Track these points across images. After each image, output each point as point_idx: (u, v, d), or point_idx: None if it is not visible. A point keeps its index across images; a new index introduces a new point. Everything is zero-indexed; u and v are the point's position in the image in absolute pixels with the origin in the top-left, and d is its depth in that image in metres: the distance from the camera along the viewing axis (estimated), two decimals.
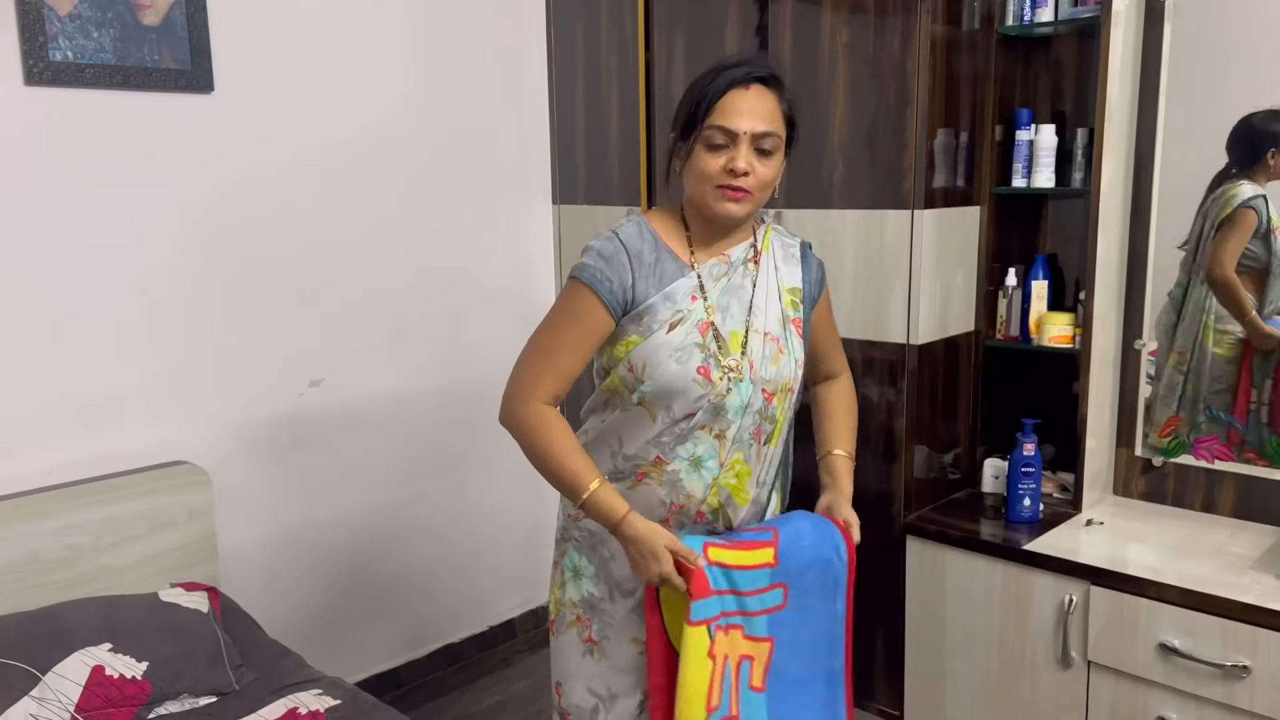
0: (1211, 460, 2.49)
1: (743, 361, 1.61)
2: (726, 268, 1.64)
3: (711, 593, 1.59)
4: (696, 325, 1.59)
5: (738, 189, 1.55)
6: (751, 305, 1.64)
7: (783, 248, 1.72)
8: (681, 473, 1.64)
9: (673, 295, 1.59)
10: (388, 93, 2.80)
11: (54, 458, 2.27)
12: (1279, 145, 2.31)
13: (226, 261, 2.51)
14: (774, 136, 1.56)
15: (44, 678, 1.89)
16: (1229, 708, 2.07)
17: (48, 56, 2.17)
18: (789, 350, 1.67)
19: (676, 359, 1.58)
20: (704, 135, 1.56)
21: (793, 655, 1.69)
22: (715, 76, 1.57)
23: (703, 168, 1.56)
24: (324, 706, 1.96)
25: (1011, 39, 2.64)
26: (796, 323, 1.69)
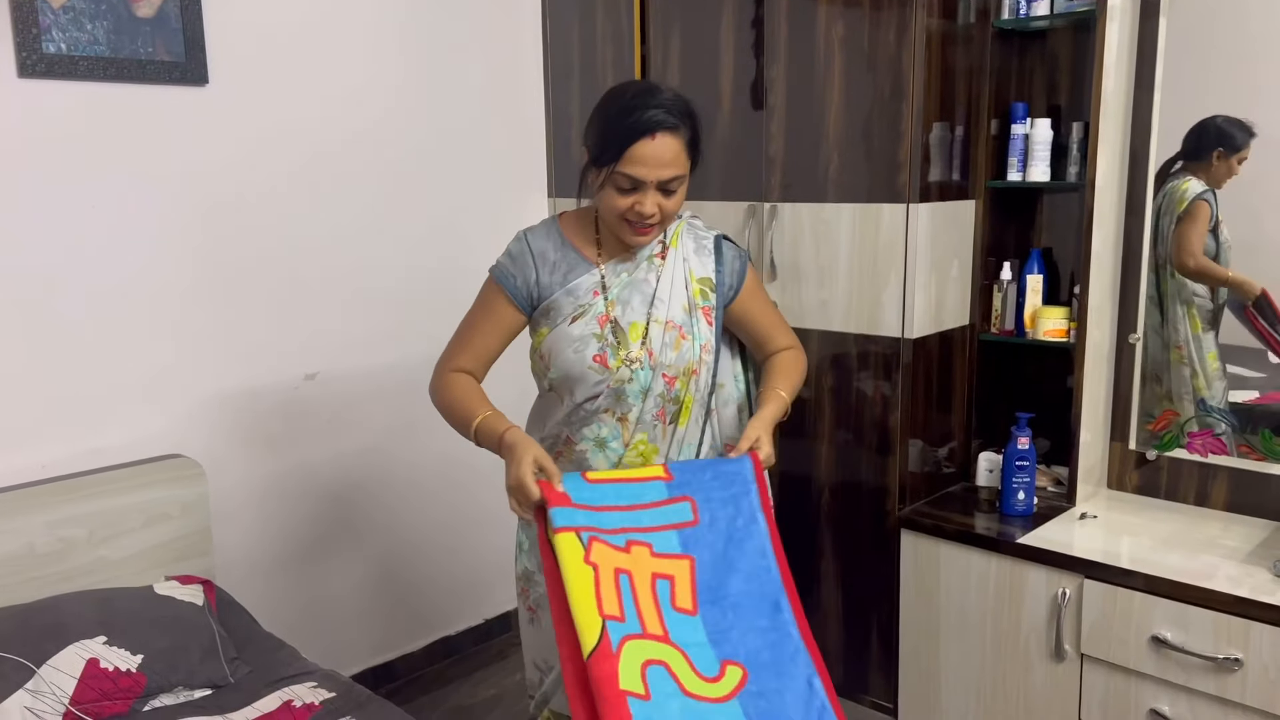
0: (1205, 454, 2.49)
1: (642, 350, 1.73)
2: (630, 265, 1.76)
3: (571, 504, 1.58)
4: (596, 318, 1.73)
5: (646, 226, 1.69)
6: (654, 297, 1.75)
7: (695, 240, 1.81)
8: (588, 452, 1.78)
9: (574, 291, 1.74)
10: (383, 86, 2.79)
11: (48, 451, 2.27)
12: (1226, 148, 2.39)
13: (221, 255, 2.51)
14: (679, 179, 1.68)
15: (39, 670, 1.89)
16: (1221, 700, 2.07)
17: (41, 49, 2.16)
18: (693, 336, 1.77)
19: (574, 349, 1.73)
20: (613, 179, 1.66)
21: (724, 573, 1.62)
22: (622, 117, 1.64)
23: (612, 205, 1.68)
24: (319, 699, 1.96)
25: (1007, 32, 2.63)
26: (706, 310, 1.78)
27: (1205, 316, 2.50)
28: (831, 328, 2.64)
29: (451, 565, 3.10)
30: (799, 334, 2.67)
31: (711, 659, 1.53)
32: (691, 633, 1.54)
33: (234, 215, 2.52)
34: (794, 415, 2.72)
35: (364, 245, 2.80)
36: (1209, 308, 2.50)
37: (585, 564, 1.53)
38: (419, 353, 2.91)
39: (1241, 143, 2.37)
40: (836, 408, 2.67)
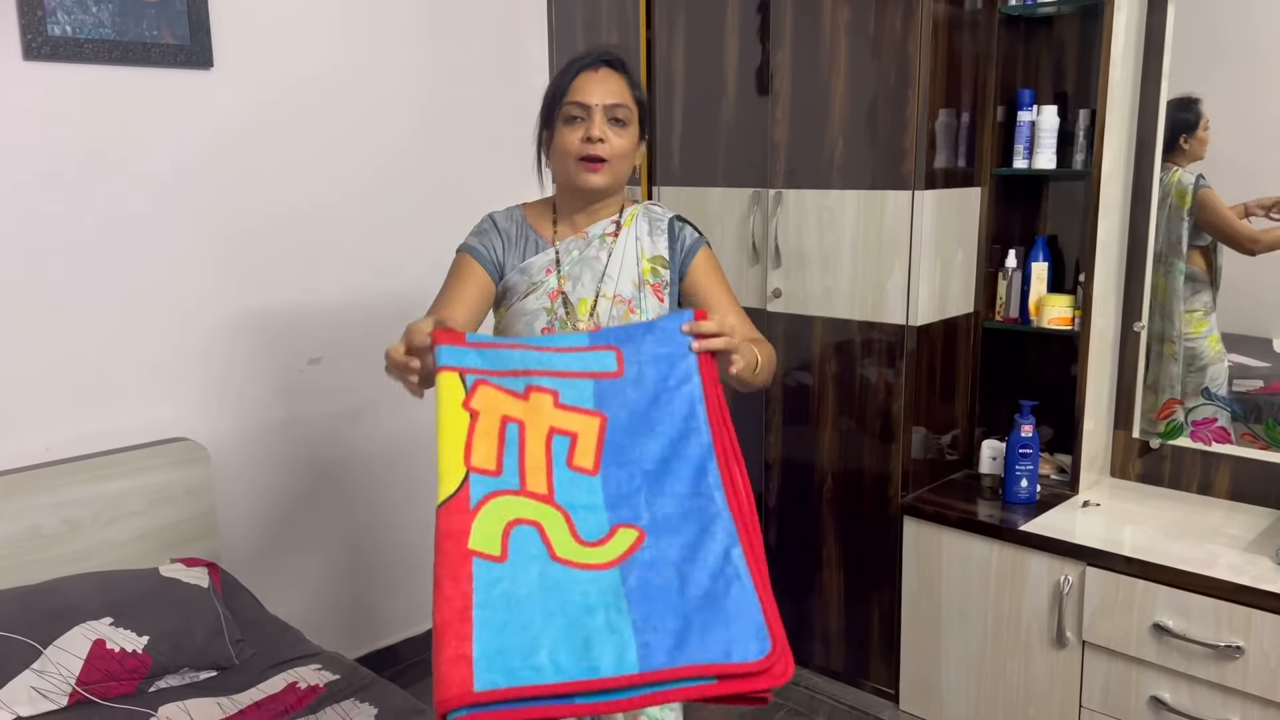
0: (1209, 443, 2.50)
1: (589, 323, 1.76)
2: (583, 243, 1.79)
3: (464, 343, 1.38)
4: (547, 293, 1.77)
5: (596, 158, 1.70)
6: (604, 274, 1.77)
7: (649, 222, 1.83)
8: None
9: (528, 269, 1.77)
10: (386, 70, 2.79)
11: (53, 434, 2.27)
12: (1189, 131, 2.41)
13: (226, 239, 2.51)
14: (624, 108, 1.71)
15: (45, 651, 1.90)
16: (1222, 688, 2.08)
17: (46, 31, 2.16)
18: (641, 310, 1.78)
19: (525, 322, 1.77)
20: (562, 112, 1.71)
21: (642, 434, 1.38)
22: (569, 64, 1.74)
23: (563, 143, 1.72)
24: (323, 681, 1.97)
25: (1014, 19, 2.62)
26: (656, 287, 1.80)
27: (1205, 306, 2.49)
28: (835, 315, 2.64)
29: None
30: (801, 321, 2.69)
31: (601, 522, 1.31)
32: (584, 494, 1.33)
33: (238, 199, 2.52)
34: (798, 401, 2.74)
35: (368, 229, 2.79)
36: (1208, 296, 2.50)
37: (462, 409, 1.33)
38: None
39: (1195, 119, 2.41)
40: (840, 395, 2.67)
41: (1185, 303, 2.50)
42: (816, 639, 2.82)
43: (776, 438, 2.81)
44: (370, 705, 1.88)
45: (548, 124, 1.76)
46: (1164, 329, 2.53)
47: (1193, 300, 2.50)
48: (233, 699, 1.93)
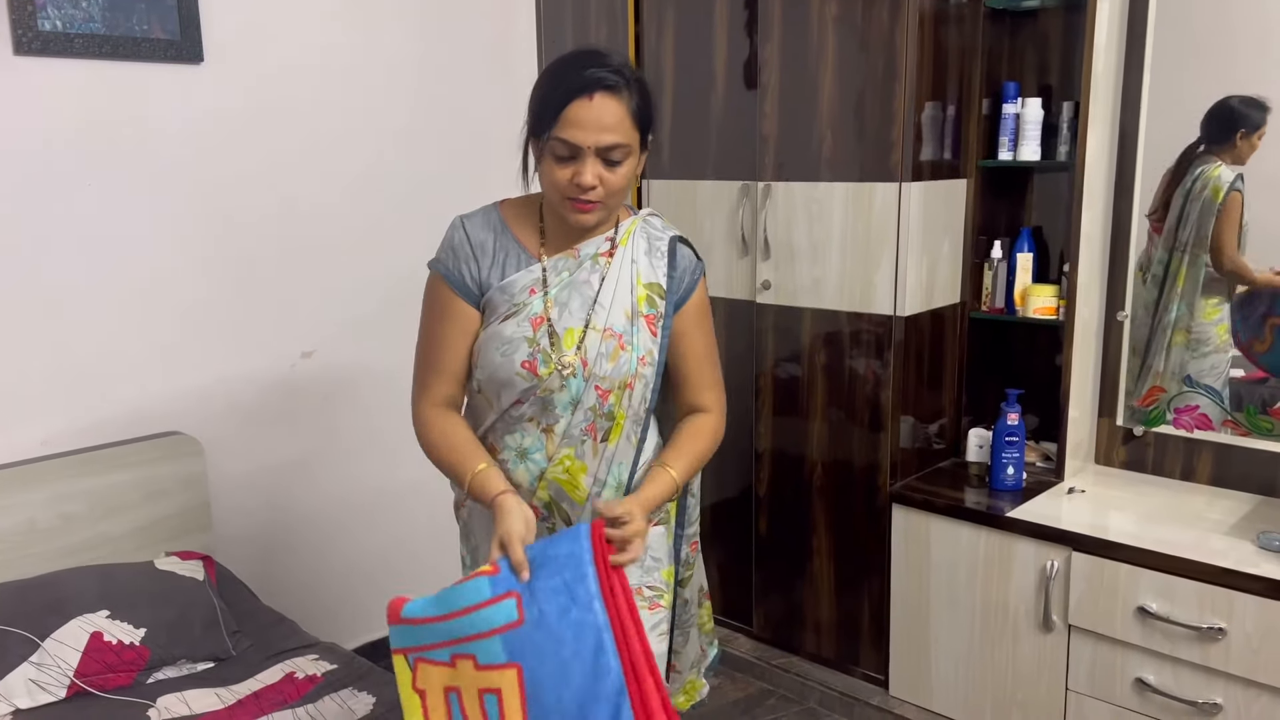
0: (1191, 429, 2.54)
1: (576, 358, 1.56)
2: (573, 263, 1.59)
3: (400, 619, 1.45)
4: (530, 319, 1.57)
5: (587, 202, 1.51)
6: (595, 301, 1.58)
7: (648, 241, 1.64)
8: (509, 463, 1.62)
9: (509, 288, 1.58)
10: (376, 63, 2.79)
11: (48, 428, 2.28)
12: (1249, 128, 2.38)
13: (217, 232, 2.51)
14: (621, 147, 1.50)
15: (43, 644, 1.91)
16: (1205, 669, 2.12)
17: (36, 26, 2.16)
18: (631, 346, 1.58)
19: (502, 351, 1.57)
20: (550, 146, 1.50)
21: (557, 679, 1.38)
22: (559, 79, 1.50)
23: (551, 178, 1.52)
24: (320, 671, 1.99)
25: (999, 12, 2.65)
26: (650, 319, 1.60)
27: (1222, 295, 2.51)
28: (824, 306, 2.67)
29: (447, 543, 3.11)
30: (791, 313, 2.72)
31: None
32: None
33: (229, 194, 2.52)
34: (787, 391, 2.77)
35: (358, 224, 2.80)
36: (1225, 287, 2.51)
37: (413, 691, 1.44)
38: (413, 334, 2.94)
39: (1260, 120, 2.37)
40: (829, 385, 2.70)
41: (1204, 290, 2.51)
42: (807, 626, 2.85)
43: (766, 428, 2.84)
44: (368, 694, 1.90)
45: (535, 135, 1.55)
46: (1181, 318, 2.52)
47: (1210, 288, 2.50)
48: (231, 689, 1.95)
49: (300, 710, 1.86)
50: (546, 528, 1.64)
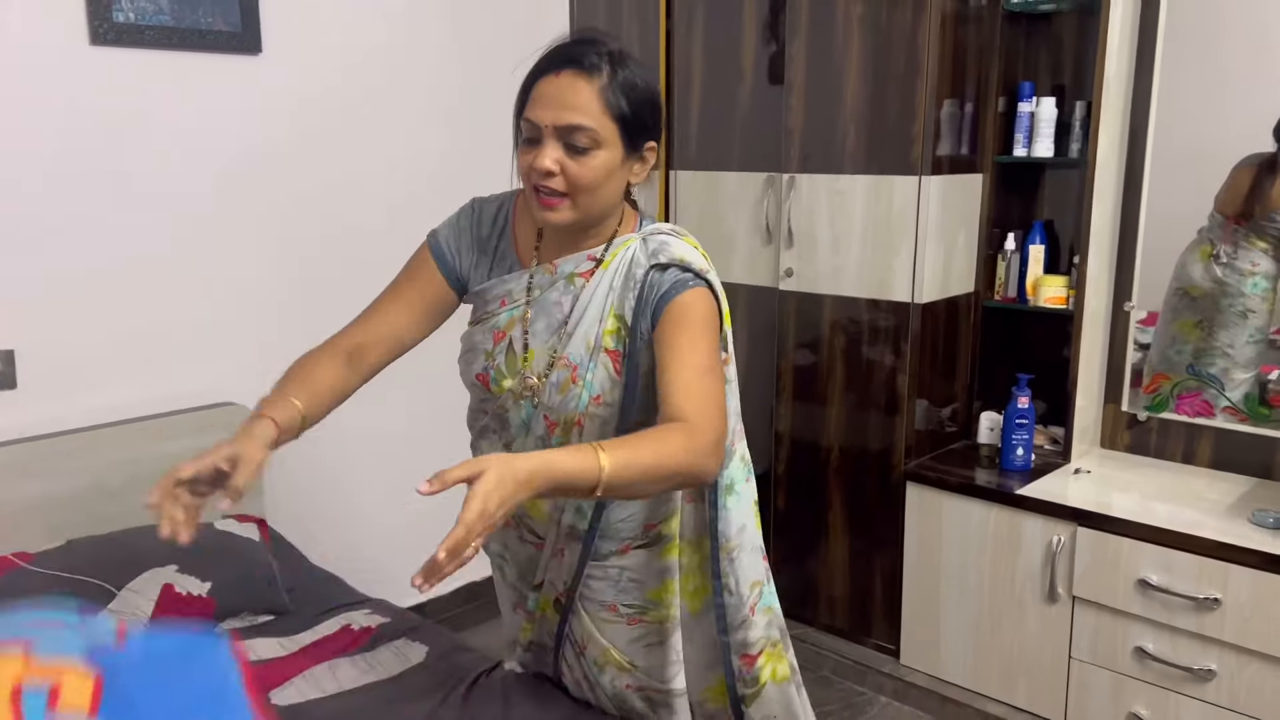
0: (1193, 415, 2.67)
1: (533, 381, 1.44)
2: (548, 280, 1.45)
3: None
4: (492, 332, 1.47)
5: (549, 192, 1.35)
6: (560, 326, 1.43)
7: (629, 266, 1.43)
8: None
9: (484, 294, 1.49)
10: (417, 57, 2.93)
11: (116, 396, 2.43)
12: None
13: (269, 214, 2.65)
14: (584, 131, 1.32)
15: (119, 593, 2.05)
16: (1201, 637, 2.26)
17: (112, 18, 2.30)
18: (584, 383, 1.41)
19: (466, 358, 1.51)
20: (522, 128, 1.38)
21: None
22: (540, 58, 1.38)
23: (520, 167, 1.38)
24: (374, 623, 2.13)
25: (1016, 15, 2.78)
26: (615, 356, 1.41)
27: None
28: (844, 293, 2.80)
29: None
30: (812, 299, 2.86)
31: None
32: None
33: (282, 178, 2.66)
34: (807, 375, 2.90)
35: (398, 208, 2.94)
36: None
37: None
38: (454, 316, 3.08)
39: None
40: (847, 368, 2.83)
41: None
42: (822, 599, 2.99)
43: (786, 409, 2.97)
44: (421, 644, 2.04)
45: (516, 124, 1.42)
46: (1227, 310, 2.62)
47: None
48: (292, 639, 2.08)
49: (358, 658, 2.00)
50: (515, 535, 1.61)
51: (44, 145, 2.26)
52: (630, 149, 1.39)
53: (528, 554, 1.64)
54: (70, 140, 2.29)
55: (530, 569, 1.64)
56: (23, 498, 2.20)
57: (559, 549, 1.57)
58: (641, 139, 1.40)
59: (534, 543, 1.61)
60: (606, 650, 1.61)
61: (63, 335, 2.33)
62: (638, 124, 1.38)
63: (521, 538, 1.63)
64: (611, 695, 1.66)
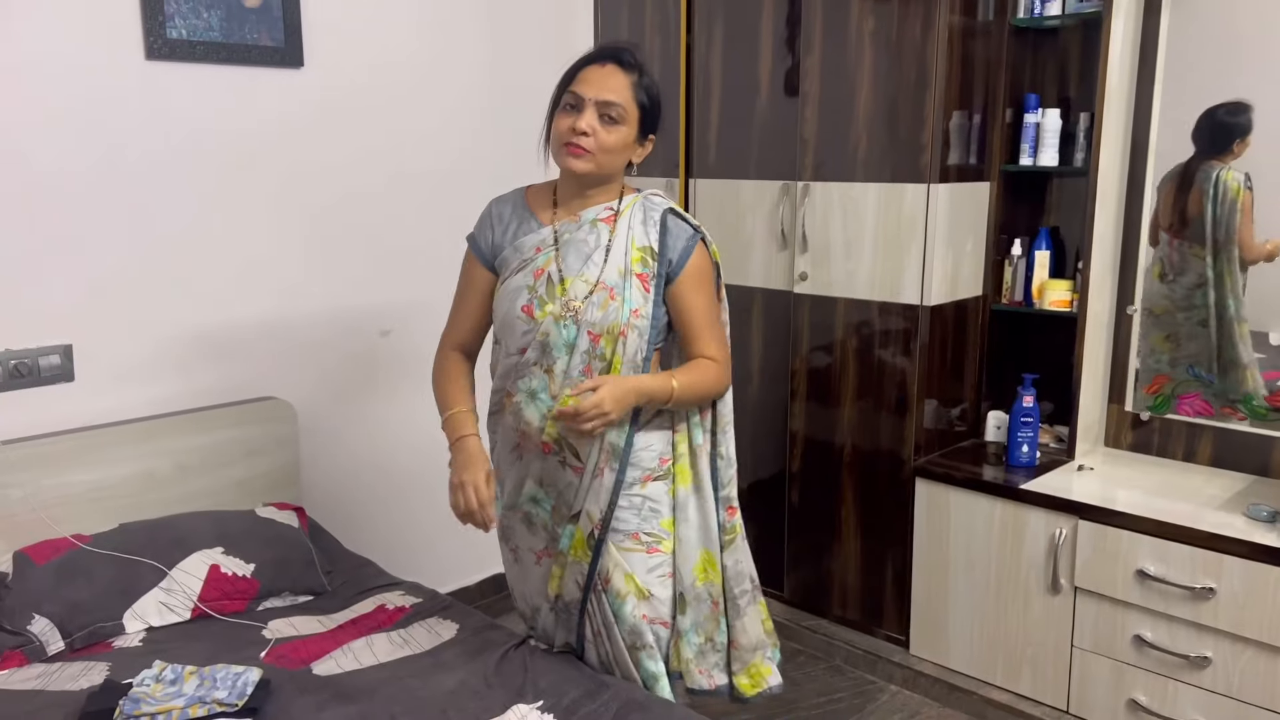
0: (1193, 415, 2.76)
1: (571, 305, 1.83)
2: (574, 225, 1.88)
3: None
4: (533, 271, 1.86)
5: (579, 146, 1.80)
6: (589, 258, 1.85)
7: (644, 213, 1.89)
8: (521, 404, 1.89)
9: (521, 247, 1.89)
10: (448, 70, 3.07)
11: (165, 389, 2.57)
12: (1243, 135, 2.61)
13: (310, 219, 2.80)
14: (619, 107, 1.80)
15: (170, 572, 2.19)
16: (1196, 625, 2.35)
17: (165, 34, 2.45)
18: (623, 298, 1.83)
19: (509, 299, 1.88)
20: (562, 100, 1.84)
21: None
22: (580, 59, 1.86)
23: (556, 128, 1.84)
24: (408, 603, 2.26)
25: (1022, 29, 2.89)
26: (643, 278, 1.85)
27: None
28: (856, 296, 2.91)
29: None
30: (825, 302, 2.97)
31: None
32: None
33: (323, 185, 2.81)
34: (821, 374, 3.02)
35: (435, 217, 3.08)
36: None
37: None
38: None
39: (1249, 123, 2.60)
40: (859, 368, 2.94)
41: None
42: (834, 591, 3.10)
43: (800, 408, 3.08)
44: (453, 622, 2.16)
45: (554, 104, 1.87)
46: (1237, 309, 2.68)
47: None
48: (331, 617, 2.22)
49: (394, 634, 2.12)
50: (557, 460, 1.91)
51: (102, 153, 2.41)
52: (640, 134, 1.86)
53: (566, 480, 1.91)
54: (126, 149, 2.44)
55: (569, 497, 1.92)
56: (80, 483, 2.35)
57: (600, 469, 1.88)
58: (647, 130, 1.88)
59: (575, 467, 1.89)
60: (629, 578, 1.92)
61: (117, 332, 2.48)
62: (650, 117, 1.87)
63: (564, 463, 1.90)
64: (629, 629, 1.94)
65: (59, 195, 2.36)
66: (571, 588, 1.96)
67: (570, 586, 1.96)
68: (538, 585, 2.03)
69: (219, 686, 1.81)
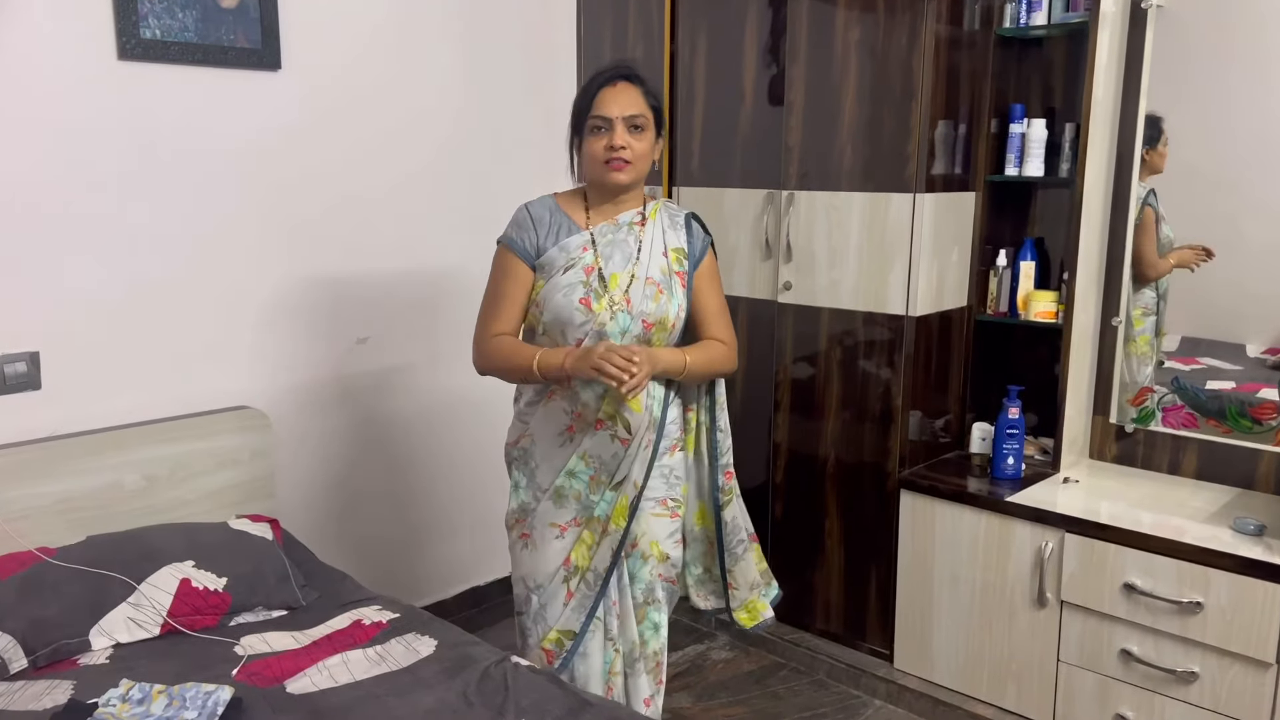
0: (1178, 427, 2.75)
1: (623, 297, 2.03)
2: (613, 228, 2.08)
3: None
4: (584, 268, 2.04)
5: (620, 160, 2.00)
6: (634, 256, 2.06)
7: (669, 217, 2.14)
8: (579, 386, 2.05)
9: (567, 247, 2.05)
10: (429, 73, 3.03)
11: (135, 399, 2.50)
12: (1151, 145, 2.68)
13: (287, 226, 2.74)
14: (641, 116, 2.02)
15: (139, 586, 2.13)
16: (1183, 640, 2.33)
17: (139, 34, 2.39)
18: (670, 293, 2.07)
19: (564, 294, 2.03)
20: (588, 125, 2.03)
21: None
22: (590, 81, 2.05)
23: (591, 151, 2.03)
24: (385, 619, 2.20)
25: (1008, 39, 2.88)
26: (680, 275, 2.10)
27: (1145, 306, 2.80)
28: (841, 306, 2.89)
29: (483, 519, 3.34)
30: (809, 312, 2.95)
31: None
32: None
33: (297, 190, 2.75)
34: (805, 385, 2.99)
35: (412, 222, 3.03)
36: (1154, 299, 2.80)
37: None
38: (458, 322, 3.17)
39: (1156, 134, 2.69)
40: (843, 379, 2.92)
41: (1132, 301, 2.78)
42: (818, 605, 3.06)
43: (784, 418, 3.05)
44: (430, 638, 2.11)
45: (577, 132, 2.07)
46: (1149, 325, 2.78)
47: (1135, 299, 2.79)
48: (305, 633, 2.16)
49: (370, 650, 2.07)
50: (609, 435, 2.07)
51: (71, 156, 2.35)
52: (657, 133, 2.08)
53: (612, 452, 2.09)
54: (96, 151, 2.38)
55: (612, 467, 2.09)
56: (46, 495, 2.28)
57: (647, 441, 2.08)
58: (660, 128, 2.09)
59: (623, 439, 2.07)
60: (654, 543, 2.17)
61: (85, 339, 2.41)
62: (660, 118, 2.10)
63: (614, 436, 2.07)
64: (644, 587, 2.18)
65: (25, 199, 2.29)
66: (605, 555, 2.12)
67: (604, 554, 2.12)
68: (553, 560, 2.14)
69: (188, 706, 1.75)
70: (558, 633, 2.15)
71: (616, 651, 2.19)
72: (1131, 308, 2.80)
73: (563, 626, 2.14)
